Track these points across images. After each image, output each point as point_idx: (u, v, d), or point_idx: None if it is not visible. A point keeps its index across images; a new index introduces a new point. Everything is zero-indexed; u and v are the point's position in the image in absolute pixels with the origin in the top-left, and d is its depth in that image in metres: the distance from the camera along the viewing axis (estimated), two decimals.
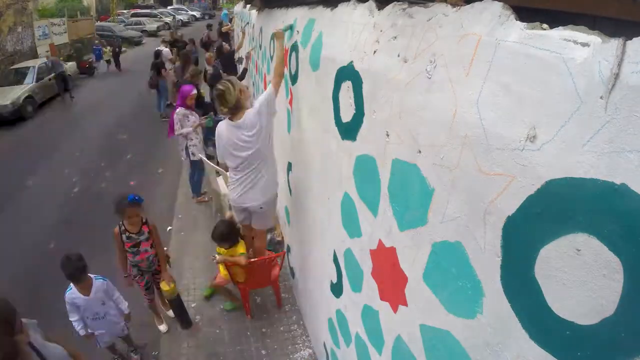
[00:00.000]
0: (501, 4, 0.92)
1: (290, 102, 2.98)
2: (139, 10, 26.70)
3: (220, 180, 4.24)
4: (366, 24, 1.63)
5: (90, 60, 14.29)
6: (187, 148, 4.67)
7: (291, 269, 3.58)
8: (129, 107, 9.71)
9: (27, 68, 10.36)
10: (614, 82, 0.64)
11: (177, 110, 4.52)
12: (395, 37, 1.36)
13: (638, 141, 0.61)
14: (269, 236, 3.57)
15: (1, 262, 4.34)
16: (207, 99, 6.44)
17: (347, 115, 1.77)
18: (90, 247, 3.83)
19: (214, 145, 3.16)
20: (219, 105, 2.64)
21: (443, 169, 1.07)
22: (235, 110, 2.58)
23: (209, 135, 5.06)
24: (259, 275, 3.18)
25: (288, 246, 3.62)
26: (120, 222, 2.79)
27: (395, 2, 1.43)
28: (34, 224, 5.06)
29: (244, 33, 5.80)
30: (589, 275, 0.68)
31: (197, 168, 4.88)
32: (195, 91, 4.56)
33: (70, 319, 2.55)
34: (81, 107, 10.13)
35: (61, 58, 12.35)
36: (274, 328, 3.22)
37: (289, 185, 3.27)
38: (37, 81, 9.94)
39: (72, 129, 8.45)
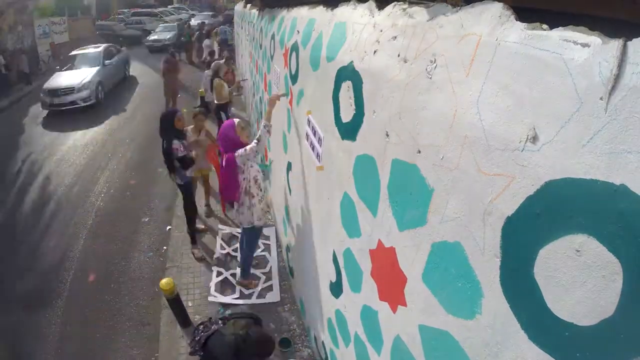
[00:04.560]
0: (501, 4, 0.92)
1: (290, 102, 2.98)
2: (139, 10, 26.67)
3: None
4: (366, 24, 1.63)
5: None
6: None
7: (290, 268, 3.58)
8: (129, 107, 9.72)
9: None
10: (614, 83, 0.64)
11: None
12: (396, 37, 1.36)
13: (638, 142, 0.61)
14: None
15: None
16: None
17: (347, 115, 1.77)
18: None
19: None
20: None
21: (443, 169, 1.07)
22: None
23: None
24: None
25: (288, 246, 3.62)
26: None
27: (395, 2, 1.43)
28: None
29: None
30: (588, 276, 0.68)
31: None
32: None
33: None
34: None
35: None
36: (273, 328, 3.22)
37: (288, 185, 3.27)
38: None
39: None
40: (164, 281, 2.96)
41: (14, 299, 3.86)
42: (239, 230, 4.14)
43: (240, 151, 2.89)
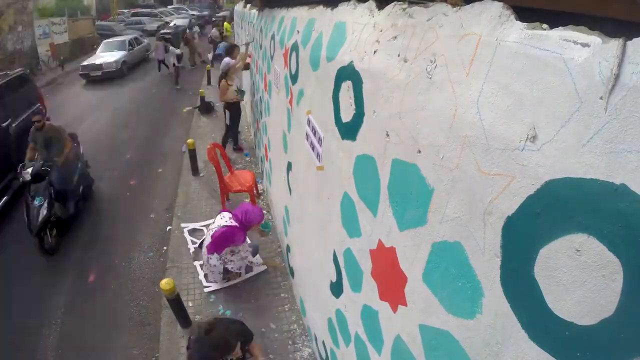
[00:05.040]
0: (501, 4, 0.92)
1: (290, 102, 2.98)
2: (139, 10, 26.68)
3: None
4: (366, 24, 1.63)
5: None
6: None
7: (290, 268, 3.58)
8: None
9: None
10: (613, 82, 0.64)
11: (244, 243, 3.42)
12: (395, 37, 1.36)
13: (638, 141, 0.61)
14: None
15: None
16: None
17: (347, 115, 1.77)
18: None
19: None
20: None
21: (443, 169, 1.07)
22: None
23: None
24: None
25: (288, 246, 3.62)
26: None
27: (395, 2, 1.43)
28: None
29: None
30: (589, 276, 0.68)
31: None
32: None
33: None
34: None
35: None
36: (273, 328, 3.23)
37: (288, 185, 3.27)
38: None
39: None
40: (164, 281, 2.96)
41: (13, 300, 3.86)
42: (202, 223, 4.51)
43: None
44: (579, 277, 0.70)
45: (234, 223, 3.28)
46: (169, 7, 30.31)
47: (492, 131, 0.89)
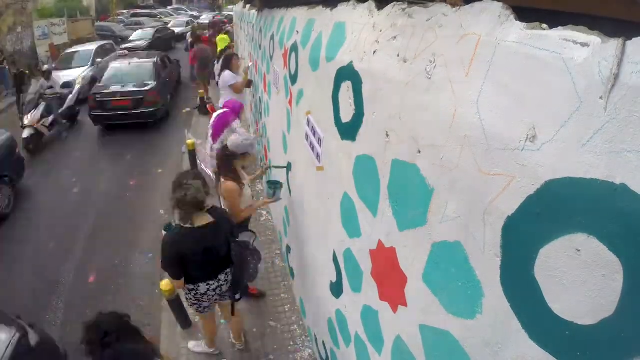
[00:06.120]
0: (501, 4, 0.92)
1: (290, 102, 2.98)
2: (138, 11, 26.68)
3: None
4: (366, 24, 1.63)
5: None
6: None
7: (291, 269, 3.58)
8: None
9: None
10: (613, 82, 0.64)
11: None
12: (395, 37, 1.36)
13: (638, 141, 0.61)
14: None
15: None
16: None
17: (346, 116, 1.77)
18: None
19: None
20: None
21: (443, 169, 1.07)
22: None
23: None
24: None
25: (288, 246, 3.62)
26: None
27: (394, 2, 1.43)
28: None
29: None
30: (589, 276, 0.68)
31: None
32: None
33: None
34: None
35: None
36: (273, 328, 3.22)
37: (288, 185, 3.27)
38: None
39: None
40: (164, 282, 2.96)
41: (14, 300, 3.85)
42: None
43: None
44: (579, 277, 0.70)
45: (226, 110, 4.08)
46: (169, 7, 30.32)
47: (492, 131, 0.89)
